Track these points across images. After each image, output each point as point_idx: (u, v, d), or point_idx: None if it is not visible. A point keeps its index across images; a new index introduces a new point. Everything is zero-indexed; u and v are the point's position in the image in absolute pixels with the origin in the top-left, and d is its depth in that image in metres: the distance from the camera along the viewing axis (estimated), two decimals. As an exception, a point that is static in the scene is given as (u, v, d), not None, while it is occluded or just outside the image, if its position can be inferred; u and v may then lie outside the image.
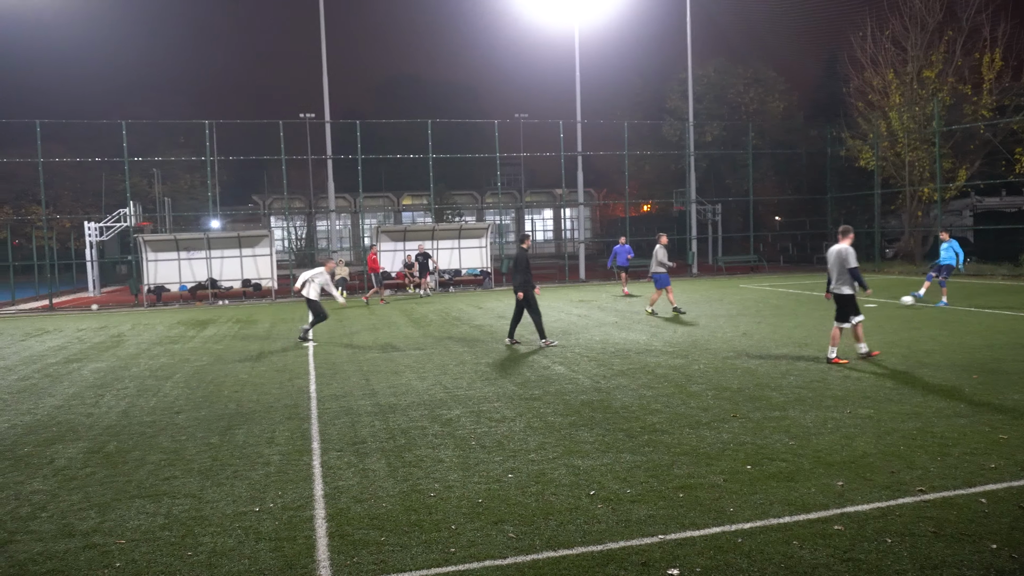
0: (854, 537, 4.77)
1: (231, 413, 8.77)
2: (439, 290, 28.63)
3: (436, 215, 44.14)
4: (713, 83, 44.40)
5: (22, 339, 17.10)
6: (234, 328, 18.01)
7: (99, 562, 4.82)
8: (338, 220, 47.82)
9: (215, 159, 30.64)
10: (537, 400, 8.88)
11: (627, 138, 33.46)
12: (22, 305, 27.58)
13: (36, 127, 26.69)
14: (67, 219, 41.66)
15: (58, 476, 6.60)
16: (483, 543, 4.89)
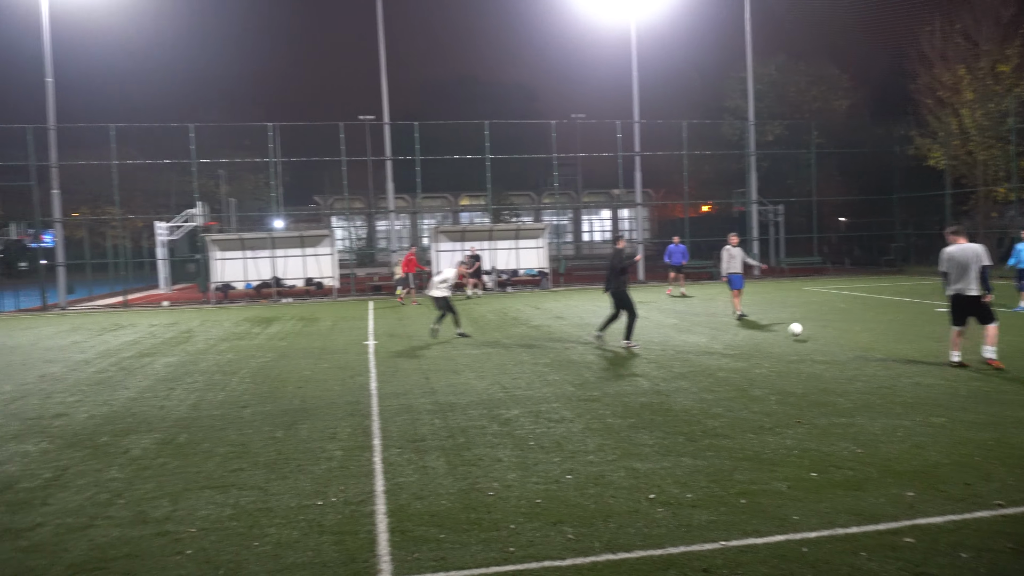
0: (926, 551, 4.61)
1: (295, 408, 8.98)
2: (496, 290, 28.74)
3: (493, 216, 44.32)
4: (774, 81, 43.46)
5: (99, 334, 17.82)
6: (297, 326, 18.42)
7: (171, 549, 4.99)
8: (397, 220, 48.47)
9: (278, 160, 31.38)
10: (596, 401, 8.84)
11: (686, 138, 33.03)
12: (99, 301, 28.77)
13: (111, 131, 27.77)
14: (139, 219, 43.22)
15: (133, 465, 6.87)
16: (542, 543, 4.89)
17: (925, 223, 35.80)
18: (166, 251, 34.56)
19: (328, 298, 27.92)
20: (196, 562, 4.79)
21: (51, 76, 27.16)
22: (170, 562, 4.80)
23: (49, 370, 12.46)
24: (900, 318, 15.99)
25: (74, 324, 20.39)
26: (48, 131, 27.23)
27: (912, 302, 19.39)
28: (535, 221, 54.89)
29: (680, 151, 33.44)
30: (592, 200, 66.19)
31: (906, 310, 17.54)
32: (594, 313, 18.84)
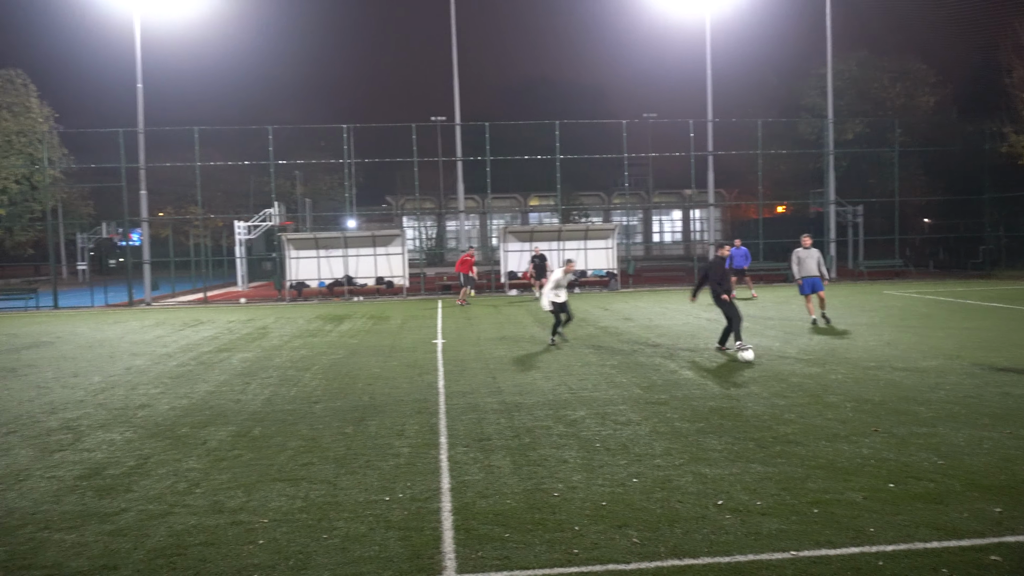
0: (1015, 570, 4.37)
1: (364, 405, 9.16)
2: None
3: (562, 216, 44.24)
4: (855, 78, 41.97)
5: (180, 329, 18.57)
6: (368, 324, 18.77)
7: (244, 538, 5.15)
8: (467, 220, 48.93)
9: (352, 161, 32.08)
10: (664, 405, 8.72)
11: (760, 136, 32.24)
12: (181, 297, 29.99)
13: (195, 133, 28.92)
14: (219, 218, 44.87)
15: (210, 456, 7.12)
16: (606, 546, 4.85)
17: (1018, 224, 34.00)
18: (244, 250, 35.75)
19: (398, 297, 28.38)
20: (267, 552, 4.93)
21: (141, 82, 28.45)
22: (243, 551, 4.95)
23: (134, 363, 13.06)
24: (988, 324, 15.24)
25: (158, 319, 21.30)
26: (138, 135, 28.53)
27: (1002, 307, 18.45)
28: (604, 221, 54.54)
29: (755, 150, 32.67)
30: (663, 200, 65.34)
31: (995, 316, 16.70)
32: (663, 315, 18.60)
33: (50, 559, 4.91)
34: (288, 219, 39.39)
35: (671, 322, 17.10)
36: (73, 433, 8.13)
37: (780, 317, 17.50)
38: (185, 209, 48.48)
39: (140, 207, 28.79)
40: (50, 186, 37.55)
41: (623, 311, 20.03)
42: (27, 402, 9.85)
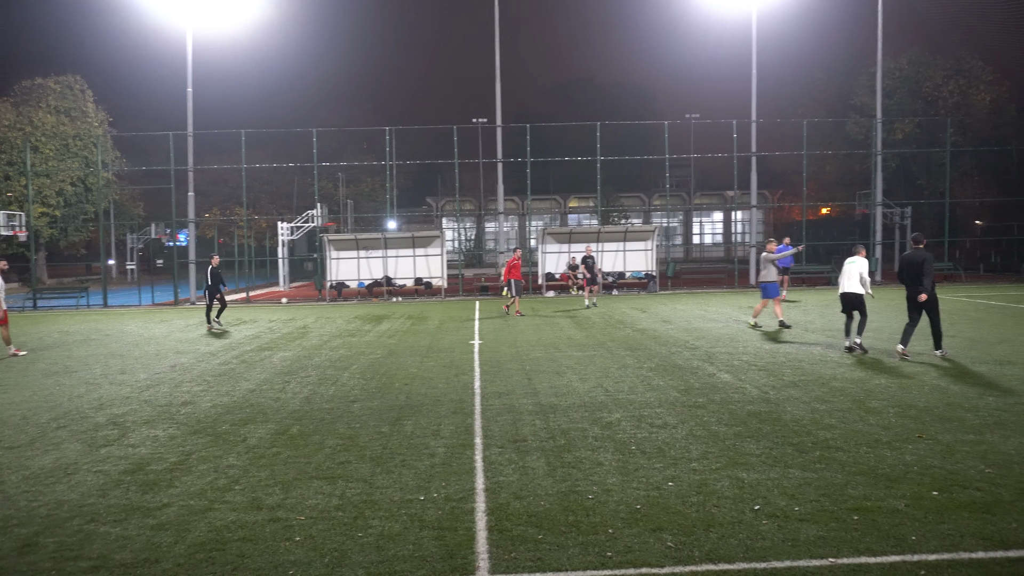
0: (1063, 582, 4.23)
1: (401, 404, 9.23)
2: (602, 293, 28.55)
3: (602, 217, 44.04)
4: (907, 76, 41.03)
5: (223, 328, 18.93)
6: (406, 324, 18.92)
7: (282, 535, 5.23)
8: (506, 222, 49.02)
9: (394, 163, 32.41)
10: (701, 408, 8.62)
11: (806, 137, 31.70)
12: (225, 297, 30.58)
13: (241, 136, 29.51)
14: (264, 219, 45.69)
15: (250, 453, 7.25)
16: (640, 550, 4.81)
17: (1075, 227, 32.84)
18: (286, 250, 36.35)
19: (436, 298, 28.55)
20: (304, 548, 5.00)
21: (191, 87, 29.14)
22: (280, 547, 5.03)
23: (179, 361, 13.36)
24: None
25: (201, 319, 21.75)
26: (187, 138, 29.21)
27: (1057, 312, 17.84)
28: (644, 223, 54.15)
29: (800, 151, 32.11)
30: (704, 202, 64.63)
31: (1050, 321, 16.15)
32: (702, 317, 18.38)
33: (96, 551, 5.05)
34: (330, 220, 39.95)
35: (710, 325, 16.89)
36: (119, 429, 8.35)
37: (822, 320, 17.17)
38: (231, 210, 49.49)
39: (188, 208, 29.48)
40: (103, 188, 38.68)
41: (662, 313, 19.86)
42: (76, 398, 10.15)
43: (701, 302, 23.19)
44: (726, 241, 63.76)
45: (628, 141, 61.02)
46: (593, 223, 50.16)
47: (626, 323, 17.66)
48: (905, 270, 11.92)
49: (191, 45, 28.98)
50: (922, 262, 11.59)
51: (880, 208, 32.70)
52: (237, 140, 29.73)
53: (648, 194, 61.93)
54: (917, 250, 11.88)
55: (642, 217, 59.50)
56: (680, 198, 61.49)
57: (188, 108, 29.13)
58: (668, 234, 37.53)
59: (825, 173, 47.99)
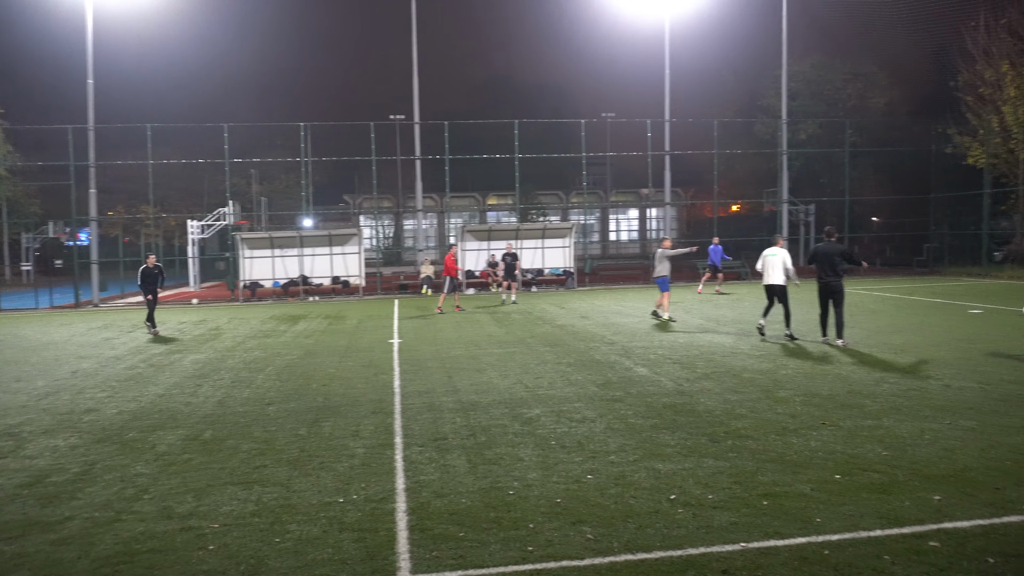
0: (952, 555, 4.52)
1: (319, 406, 9.06)
2: (521, 290, 28.74)
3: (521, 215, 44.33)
4: (810, 79, 42.88)
5: (130, 331, 18.15)
6: (324, 324, 18.58)
7: (195, 544, 5.06)
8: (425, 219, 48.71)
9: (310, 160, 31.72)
10: (619, 402, 8.79)
11: (717, 136, 32.73)
12: (131, 298, 29.29)
13: (147, 131, 28.29)
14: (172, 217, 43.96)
15: (159, 461, 6.98)
16: (561, 543, 4.88)
17: (961, 223, 35.05)
18: (197, 249, 35.10)
19: (355, 297, 28.14)
20: (218, 557, 4.85)
21: (91, 78, 27.71)
22: (193, 557, 4.86)
23: (81, 366, 12.72)
24: (931, 320, 15.70)
25: (106, 321, 20.79)
26: (87, 131, 27.78)
27: (945, 303, 19.02)
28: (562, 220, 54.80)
29: (711, 150, 33.14)
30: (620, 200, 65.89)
31: (938, 312, 17.20)
32: (619, 313, 18.75)
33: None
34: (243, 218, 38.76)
35: (627, 320, 17.25)
36: (15, 440, 7.89)
37: (733, 314, 17.79)
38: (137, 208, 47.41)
39: (89, 206, 28.04)
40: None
41: (580, 309, 20.15)
42: (-32, 408, 9.54)
43: (618, 298, 23.65)
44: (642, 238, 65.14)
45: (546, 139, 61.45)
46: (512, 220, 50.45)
47: (545, 319, 17.84)
48: (819, 260, 12.58)
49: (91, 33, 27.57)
50: (840, 252, 12.45)
51: (786, 205, 34.09)
52: (143, 134, 28.47)
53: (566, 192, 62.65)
54: (830, 242, 12.63)
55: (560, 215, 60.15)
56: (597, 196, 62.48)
57: (89, 100, 27.71)
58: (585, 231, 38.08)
59: (735, 171, 49.65)
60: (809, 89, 42.77)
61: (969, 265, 32.08)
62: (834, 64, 43.42)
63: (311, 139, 31.07)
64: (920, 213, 35.76)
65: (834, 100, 43.00)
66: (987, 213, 31.18)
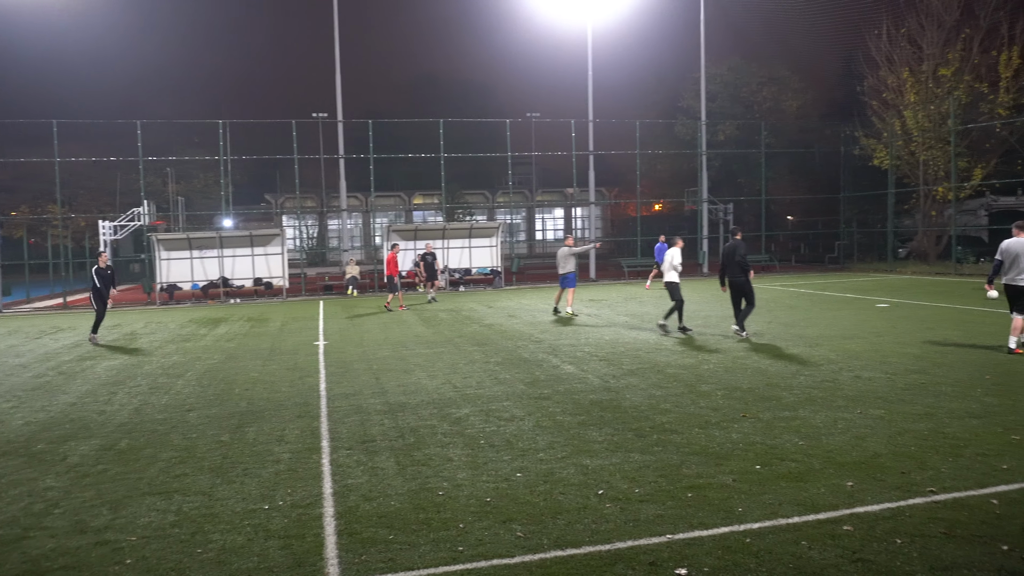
0: (864, 538, 4.74)
1: (242, 411, 8.82)
2: (449, 289, 28.66)
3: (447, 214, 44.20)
4: (727, 82, 44.21)
5: (37, 337, 17.27)
6: (246, 326, 18.10)
7: (111, 559, 4.86)
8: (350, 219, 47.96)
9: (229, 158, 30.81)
10: (547, 399, 8.88)
11: (639, 137, 33.38)
12: (37, 303, 27.85)
13: (53, 127, 26.93)
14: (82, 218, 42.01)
15: (71, 473, 6.66)
16: (491, 542, 4.89)
17: (868, 221, 36.78)
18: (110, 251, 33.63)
19: (278, 298, 27.51)
20: (136, 571, 4.66)
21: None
22: (110, 572, 4.67)
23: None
24: (843, 314, 16.42)
25: (10, 327, 19.73)
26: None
27: (855, 298, 19.92)
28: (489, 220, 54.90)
29: (633, 150, 33.77)
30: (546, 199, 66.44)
31: (849, 306, 18.01)
32: (547, 311, 18.92)
33: None
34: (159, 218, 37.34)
35: (554, 318, 17.42)
36: (-89, 454, 7.40)
37: (657, 311, 18.19)
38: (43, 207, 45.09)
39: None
40: None
41: (508, 308, 20.24)
42: None
43: (546, 296, 23.84)
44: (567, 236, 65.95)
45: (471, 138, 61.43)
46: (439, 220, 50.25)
47: (473, 319, 17.84)
48: (726, 259, 13.48)
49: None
50: (734, 250, 13.26)
51: (706, 204, 35.05)
52: (48, 130, 27.11)
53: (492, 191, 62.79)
54: (736, 241, 13.47)
55: (487, 214, 60.25)
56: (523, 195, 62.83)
57: (-13, 95, 26.22)
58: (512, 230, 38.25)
59: (657, 171, 50.78)
60: (727, 91, 44.10)
61: (876, 261, 33.71)
62: (750, 68, 44.91)
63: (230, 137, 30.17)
64: (832, 212, 37.39)
65: (750, 102, 44.46)
66: (891, 212, 32.82)
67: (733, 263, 13.24)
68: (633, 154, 33.90)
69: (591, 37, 32.74)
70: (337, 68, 30.69)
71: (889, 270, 30.52)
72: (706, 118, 35.49)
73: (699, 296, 21.57)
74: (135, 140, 28.14)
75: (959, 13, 30.04)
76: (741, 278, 13.15)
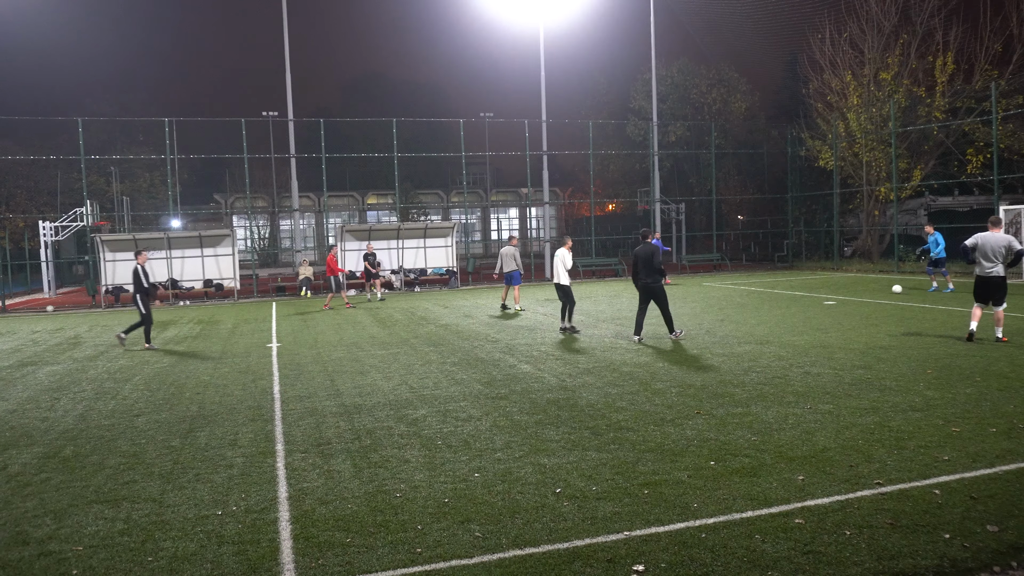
0: (814, 530, 4.86)
1: (193, 415, 8.64)
2: (404, 290, 28.48)
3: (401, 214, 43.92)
4: (677, 83, 44.86)
5: (-26, 342, 16.62)
6: (196, 329, 17.72)
7: (55, 570, 4.71)
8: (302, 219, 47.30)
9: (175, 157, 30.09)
10: (503, 399, 8.89)
11: (592, 137, 33.65)
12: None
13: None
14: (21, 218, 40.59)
15: (11, 483, 6.44)
16: (449, 543, 4.88)
17: (815, 221, 37.69)
18: (51, 253, 32.58)
19: (229, 300, 26.98)
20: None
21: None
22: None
23: (-83, 382, 11.53)
24: (792, 311, 16.79)
25: None
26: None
27: (803, 296, 20.39)
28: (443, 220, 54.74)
29: (586, 150, 34.01)
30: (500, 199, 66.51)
31: (797, 304, 18.43)
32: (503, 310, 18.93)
33: None
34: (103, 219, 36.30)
35: (509, 318, 17.45)
36: None
37: (612, 310, 18.36)
38: (-22, 208, 43.44)
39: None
40: None
41: (463, 308, 20.21)
42: None
43: (500, 296, 23.86)
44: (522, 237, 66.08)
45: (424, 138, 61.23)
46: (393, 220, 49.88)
47: (429, 319, 17.76)
48: (638, 262, 13.00)
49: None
50: (652, 253, 12.87)
51: (658, 204, 35.49)
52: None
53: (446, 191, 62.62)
54: (647, 244, 13.11)
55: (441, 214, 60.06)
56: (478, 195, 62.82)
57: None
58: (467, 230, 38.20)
59: (609, 172, 51.31)
60: (676, 93, 44.75)
61: (823, 260, 34.56)
62: (699, 70, 45.65)
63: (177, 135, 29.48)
64: (780, 211, 38.21)
65: (700, 104, 45.18)
66: (836, 212, 33.68)
67: (651, 267, 12.83)
68: (586, 154, 34.17)
69: (543, 38, 32.88)
70: (287, 66, 30.25)
71: (835, 268, 31.32)
72: (657, 119, 35.93)
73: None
74: (76, 138, 27.29)
75: (897, 19, 30.99)
76: (657, 282, 12.92)
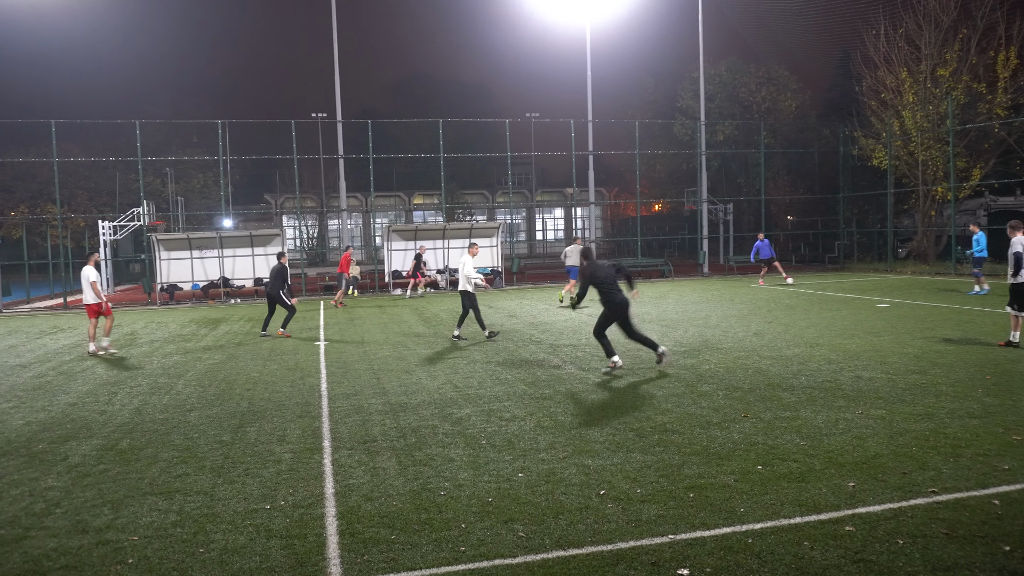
0: (865, 538, 4.75)
1: (243, 411, 8.82)
2: (449, 289, 28.65)
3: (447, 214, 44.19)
4: (725, 82, 44.25)
5: (37, 337, 17.26)
6: (246, 326, 18.09)
7: (112, 558, 4.86)
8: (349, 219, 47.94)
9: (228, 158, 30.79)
10: (547, 399, 8.88)
11: (638, 137, 33.39)
12: (37, 303, 27.84)
13: (51, 127, 26.93)
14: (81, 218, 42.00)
15: (72, 473, 6.66)
16: (493, 542, 4.89)
17: (868, 221, 36.79)
18: (109, 251, 33.63)
19: (279, 298, 27.45)
20: (138, 571, 4.67)
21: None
22: (111, 572, 4.67)
23: (-16, 375, 12.02)
24: (843, 314, 16.42)
25: (10, 327, 19.72)
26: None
27: (854, 298, 19.92)
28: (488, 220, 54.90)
29: (632, 150, 33.77)
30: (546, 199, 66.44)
31: (848, 306, 18.01)
32: (547, 311, 18.92)
33: None
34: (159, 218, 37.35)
35: (554, 319, 17.43)
36: (-89, 455, 7.40)
37: (658, 312, 18.19)
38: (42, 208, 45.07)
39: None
40: None
41: (508, 308, 20.24)
42: None
43: (546, 296, 23.84)
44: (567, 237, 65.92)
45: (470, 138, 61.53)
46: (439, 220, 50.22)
47: (473, 319, 17.80)
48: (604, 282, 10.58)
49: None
50: (618, 271, 10.72)
51: (706, 204, 35.05)
52: (46, 131, 27.09)
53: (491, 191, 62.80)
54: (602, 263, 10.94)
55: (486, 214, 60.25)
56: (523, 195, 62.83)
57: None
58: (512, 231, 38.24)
59: (656, 171, 50.86)
60: (725, 92, 44.14)
61: (876, 261, 33.71)
62: (748, 68, 44.96)
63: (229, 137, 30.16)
64: (831, 212, 37.38)
65: (748, 103, 44.49)
66: (891, 212, 32.81)
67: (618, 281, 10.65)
68: (632, 154, 33.90)
69: (590, 37, 32.75)
70: (336, 68, 30.71)
71: (888, 270, 30.52)
72: (705, 118, 35.48)
73: (698, 296, 21.59)
74: (134, 140, 28.11)
75: (956, 13, 30.04)
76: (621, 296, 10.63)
